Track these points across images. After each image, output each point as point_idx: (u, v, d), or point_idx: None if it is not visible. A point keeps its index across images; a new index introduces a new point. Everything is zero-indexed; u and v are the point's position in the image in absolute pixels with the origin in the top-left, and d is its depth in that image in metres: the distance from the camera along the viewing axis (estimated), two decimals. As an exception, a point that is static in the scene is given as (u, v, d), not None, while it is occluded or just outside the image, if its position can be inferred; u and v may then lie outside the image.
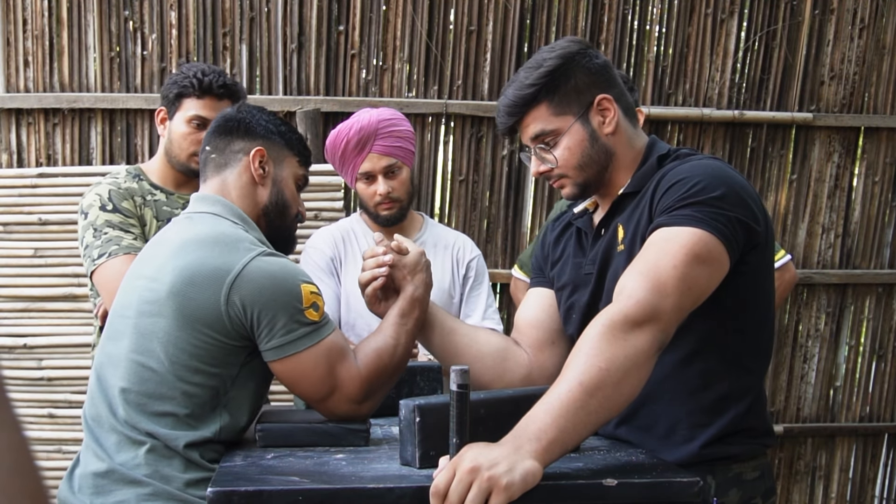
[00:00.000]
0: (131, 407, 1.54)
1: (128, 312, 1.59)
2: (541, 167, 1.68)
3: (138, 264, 1.66)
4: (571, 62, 1.63)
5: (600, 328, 1.35)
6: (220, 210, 1.67)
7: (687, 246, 1.42)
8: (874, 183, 3.78)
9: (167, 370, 1.52)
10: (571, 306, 1.73)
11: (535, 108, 1.64)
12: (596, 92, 1.64)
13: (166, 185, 2.44)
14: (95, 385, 1.62)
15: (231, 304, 1.50)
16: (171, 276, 1.52)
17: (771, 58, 3.66)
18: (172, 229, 1.66)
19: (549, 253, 1.86)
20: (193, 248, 1.54)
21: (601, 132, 1.64)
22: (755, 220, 1.51)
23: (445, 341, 1.75)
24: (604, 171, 1.66)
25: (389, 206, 2.44)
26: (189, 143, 2.38)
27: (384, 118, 2.41)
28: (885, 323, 3.85)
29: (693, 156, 1.63)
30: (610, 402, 1.30)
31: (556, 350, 1.78)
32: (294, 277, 1.55)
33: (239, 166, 1.73)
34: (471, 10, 3.46)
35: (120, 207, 2.32)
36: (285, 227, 1.78)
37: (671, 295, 1.38)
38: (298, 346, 1.53)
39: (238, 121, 1.76)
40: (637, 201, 1.61)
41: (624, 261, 1.57)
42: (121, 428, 1.54)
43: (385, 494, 1.26)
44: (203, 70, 2.41)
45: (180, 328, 1.51)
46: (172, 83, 2.42)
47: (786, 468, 3.82)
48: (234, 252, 1.53)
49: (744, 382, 1.58)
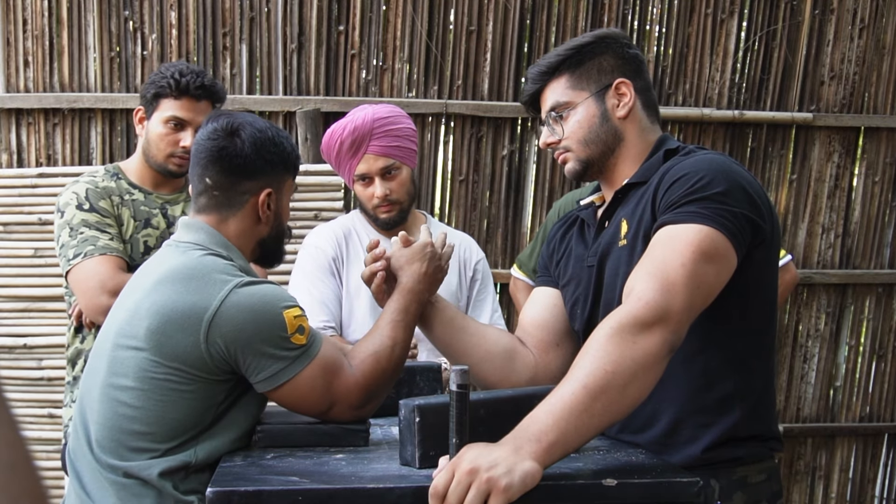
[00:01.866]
0: (105, 443, 1.49)
1: (106, 345, 1.55)
2: (549, 138, 1.70)
3: (125, 292, 1.61)
4: (602, 43, 1.67)
5: (609, 330, 1.33)
6: (204, 240, 1.60)
7: (693, 243, 1.40)
8: (874, 183, 3.78)
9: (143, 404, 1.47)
10: (576, 301, 1.71)
11: (556, 79, 1.67)
12: (618, 76, 1.66)
13: (144, 185, 2.41)
14: (77, 418, 1.58)
15: (212, 344, 1.45)
16: (147, 316, 1.47)
17: (771, 58, 3.66)
18: (156, 258, 1.62)
19: (554, 249, 1.84)
20: (168, 284, 1.48)
21: (613, 114, 1.65)
22: (760, 216, 1.49)
23: (454, 339, 1.74)
24: (609, 154, 1.66)
25: (388, 209, 2.32)
26: (166, 143, 2.35)
27: (380, 117, 2.28)
28: (885, 323, 3.85)
29: (699, 152, 1.62)
30: (614, 405, 1.29)
31: (560, 352, 1.77)
32: (274, 306, 1.49)
33: (245, 208, 1.64)
34: (471, 10, 3.46)
35: (97, 207, 2.29)
36: (280, 249, 1.74)
37: (680, 293, 1.36)
38: (289, 372, 1.49)
39: (244, 158, 1.63)
40: (640, 195, 1.60)
41: (626, 256, 1.56)
42: (95, 464, 1.50)
43: (385, 494, 1.26)
44: (181, 70, 2.36)
45: (159, 365, 1.46)
46: (150, 83, 2.38)
47: (786, 468, 3.82)
48: (209, 287, 1.47)
49: (748, 383, 1.55)
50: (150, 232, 2.37)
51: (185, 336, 1.45)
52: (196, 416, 1.48)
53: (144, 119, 2.40)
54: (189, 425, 1.48)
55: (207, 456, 1.49)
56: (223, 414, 1.52)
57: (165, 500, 1.46)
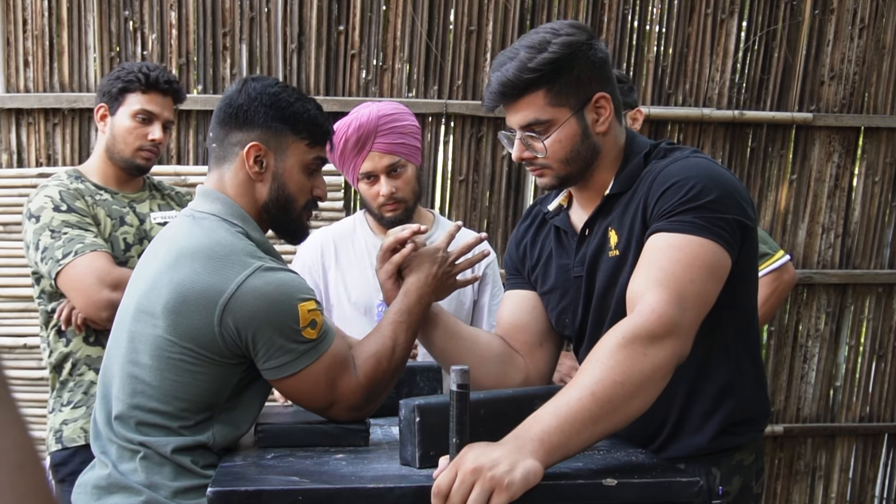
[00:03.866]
0: (124, 420, 1.51)
1: (126, 317, 1.55)
2: (524, 153, 1.62)
3: (141, 264, 1.61)
4: (577, 52, 1.57)
5: (620, 339, 1.34)
6: (221, 210, 1.57)
7: (700, 258, 1.43)
8: (874, 183, 3.78)
9: (159, 384, 1.48)
10: (564, 310, 1.72)
11: (533, 94, 1.57)
12: (596, 88, 1.60)
13: (108, 185, 2.39)
14: (100, 389, 1.60)
15: (224, 327, 1.45)
16: (166, 292, 1.47)
17: (771, 58, 3.66)
18: (175, 227, 1.60)
19: (525, 254, 1.81)
20: (188, 262, 1.47)
21: (593, 130, 1.61)
22: (747, 217, 1.53)
23: (448, 345, 1.74)
24: (587, 168, 1.64)
25: (394, 208, 2.26)
26: (135, 137, 2.33)
27: (385, 113, 2.24)
28: (885, 323, 3.85)
29: (676, 150, 1.63)
30: (619, 414, 1.31)
31: (544, 351, 1.78)
32: (290, 297, 1.48)
33: (236, 161, 1.60)
34: (471, 10, 3.46)
35: (74, 207, 2.27)
36: (290, 221, 1.66)
37: (690, 309, 1.40)
38: (296, 365, 1.49)
39: (236, 107, 1.60)
40: (626, 203, 1.60)
41: (620, 267, 1.57)
42: (116, 439, 1.52)
43: (385, 494, 1.26)
44: (147, 66, 2.37)
45: (173, 344, 1.47)
46: (115, 78, 2.36)
47: (786, 468, 3.82)
48: (228, 269, 1.46)
49: (743, 370, 1.60)
50: (127, 229, 2.35)
51: (200, 317, 1.45)
52: (210, 397, 1.50)
53: (107, 116, 2.37)
54: (203, 405, 1.49)
55: (225, 438, 1.52)
56: (238, 396, 1.54)
57: (184, 472, 1.48)
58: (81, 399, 2.32)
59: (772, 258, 2.76)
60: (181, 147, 3.37)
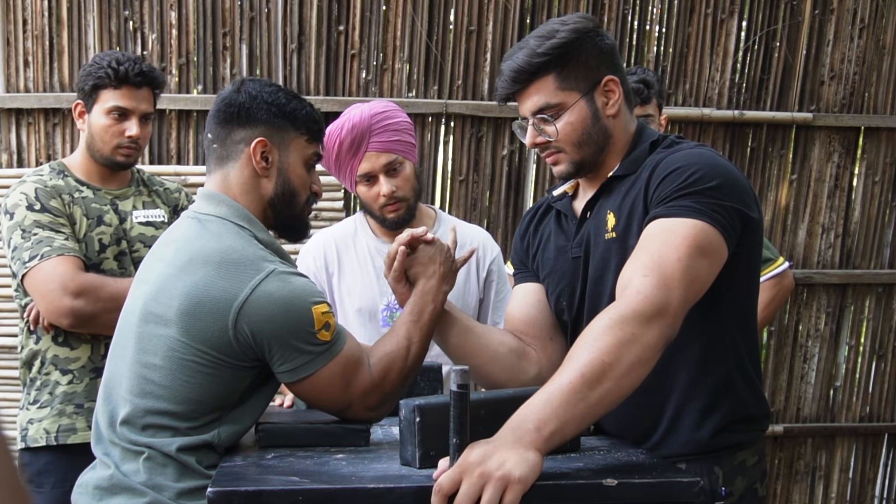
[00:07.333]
0: (131, 423, 1.51)
1: (132, 319, 1.55)
2: (538, 138, 1.65)
3: (145, 267, 1.61)
4: (584, 38, 1.61)
5: (608, 321, 1.35)
6: (226, 213, 1.58)
7: (689, 237, 1.43)
8: (874, 183, 3.78)
9: (170, 384, 1.48)
10: (562, 293, 1.72)
11: (543, 79, 1.61)
12: (605, 72, 1.63)
13: (91, 181, 2.36)
14: (102, 395, 1.59)
15: (239, 331, 1.46)
16: (178, 296, 1.47)
17: (771, 58, 3.66)
18: (180, 230, 1.60)
19: (528, 242, 1.84)
20: (200, 266, 1.48)
21: (603, 113, 1.64)
22: (749, 208, 1.53)
23: (462, 341, 1.74)
24: (600, 153, 1.65)
25: (396, 207, 2.22)
26: (111, 135, 2.30)
27: (377, 111, 2.20)
28: (885, 323, 3.85)
29: (683, 143, 1.64)
30: (610, 395, 1.32)
31: (556, 344, 1.78)
32: (304, 300, 1.49)
33: (241, 159, 1.61)
34: (471, 10, 3.46)
35: (48, 206, 2.24)
36: (294, 216, 1.68)
37: (677, 288, 1.40)
38: (311, 367, 1.51)
39: (238, 106, 1.62)
40: (628, 187, 1.61)
41: (616, 248, 1.58)
42: (119, 441, 1.52)
43: (385, 494, 1.26)
44: (117, 59, 2.30)
45: (187, 346, 1.47)
46: (87, 74, 2.32)
47: (786, 468, 3.82)
48: (241, 273, 1.47)
49: (742, 366, 1.60)
50: (104, 230, 2.31)
51: (214, 321, 1.46)
52: (220, 399, 1.50)
53: (85, 113, 2.34)
54: (213, 406, 1.50)
55: (230, 437, 1.52)
56: (247, 397, 1.54)
57: (188, 472, 1.48)
58: (47, 399, 2.30)
59: (774, 264, 2.77)
60: (181, 147, 3.37)
